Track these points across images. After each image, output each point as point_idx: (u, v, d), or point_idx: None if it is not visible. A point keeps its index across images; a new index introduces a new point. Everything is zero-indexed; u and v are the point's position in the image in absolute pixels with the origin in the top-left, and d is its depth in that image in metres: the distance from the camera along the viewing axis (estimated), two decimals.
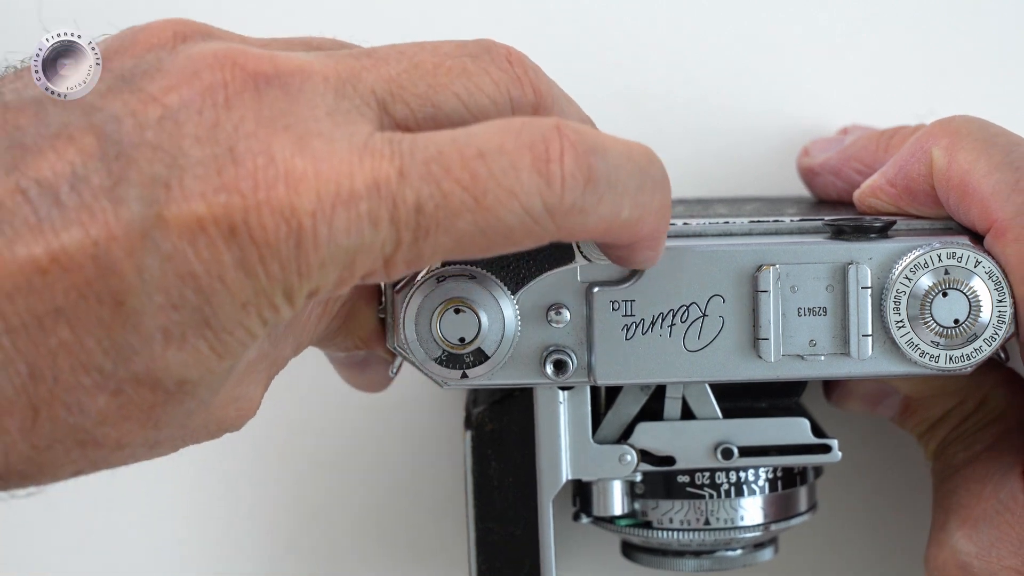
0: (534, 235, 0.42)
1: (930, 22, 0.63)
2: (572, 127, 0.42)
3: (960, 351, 0.49)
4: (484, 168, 0.41)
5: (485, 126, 0.42)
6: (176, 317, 0.40)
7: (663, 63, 0.63)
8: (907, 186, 0.51)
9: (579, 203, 0.42)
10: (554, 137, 0.42)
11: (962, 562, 0.52)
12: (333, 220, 0.40)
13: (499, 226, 0.41)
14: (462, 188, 0.41)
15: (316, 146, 0.41)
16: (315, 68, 0.42)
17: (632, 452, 0.53)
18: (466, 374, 0.50)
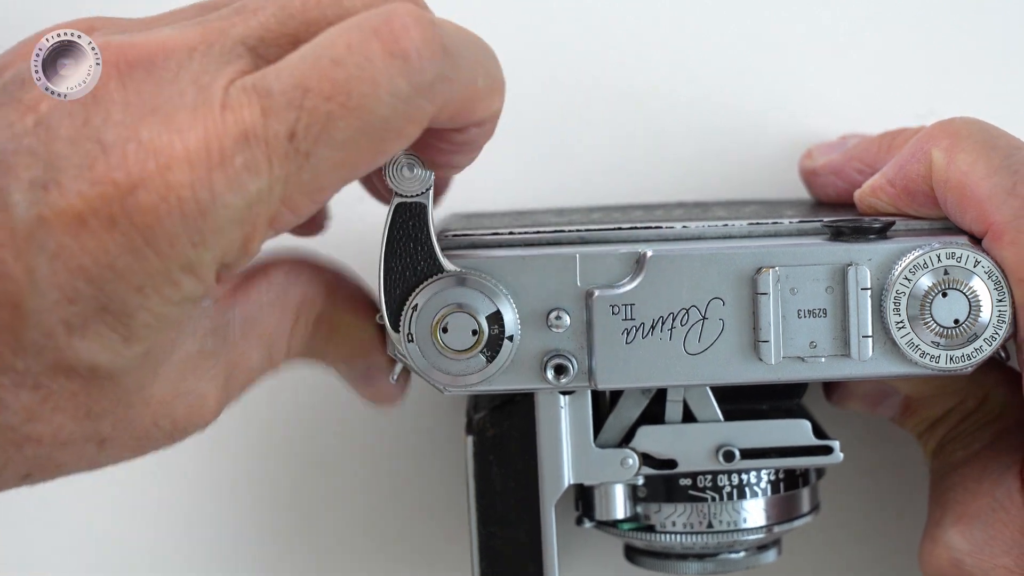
0: (413, 118, 0.43)
1: (930, 22, 0.63)
2: (408, 6, 0.43)
3: (960, 351, 0.49)
4: (340, 72, 0.42)
5: (329, 32, 0.43)
6: (74, 309, 0.42)
7: (663, 64, 0.63)
8: (906, 186, 0.51)
9: (441, 71, 0.43)
10: (395, 16, 0.43)
11: (955, 559, 0.52)
12: (212, 184, 0.41)
13: (375, 120, 0.42)
14: (325, 99, 0.42)
15: (181, 119, 0.42)
16: (178, 41, 0.43)
17: (634, 456, 0.53)
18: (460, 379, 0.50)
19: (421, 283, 0.49)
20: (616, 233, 0.50)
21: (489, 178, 0.63)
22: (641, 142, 0.63)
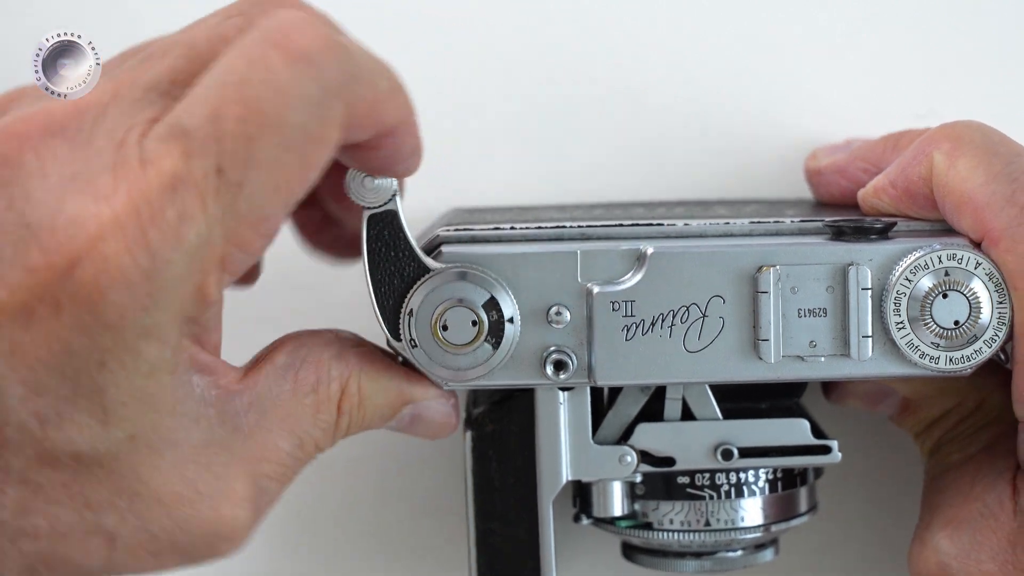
0: (328, 119, 0.42)
1: (930, 22, 0.63)
2: (296, 11, 0.43)
3: (960, 352, 0.49)
4: (248, 90, 0.41)
5: (226, 55, 0.42)
6: (43, 401, 0.41)
7: (665, 64, 0.63)
8: (907, 188, 0.51)
9: (343, 67, 0.43)
10: (286, 23, 0.42)
11: (941, 562, 0.52)
12: (149, 244, 0.41)
13: (293, 130, 0.42)
14: (241, 121, 0.41)
15: (103, 183, 0.41)
16: (91, 101, 0.43)
17: (632, 453, 0.53)
18: (459, 374, 0.50)
19: (411, 288, 0.49)
20: (617, 230, 0.50)
21: (491, 175, 0.63)
22: (643, 142, 0.63)
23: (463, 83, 0.63)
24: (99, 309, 0.41)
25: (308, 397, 0.48)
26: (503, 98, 0.63)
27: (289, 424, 0.48)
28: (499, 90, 0.63)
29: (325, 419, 0.48)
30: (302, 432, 0.48)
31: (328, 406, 0.49)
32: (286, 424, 0.47)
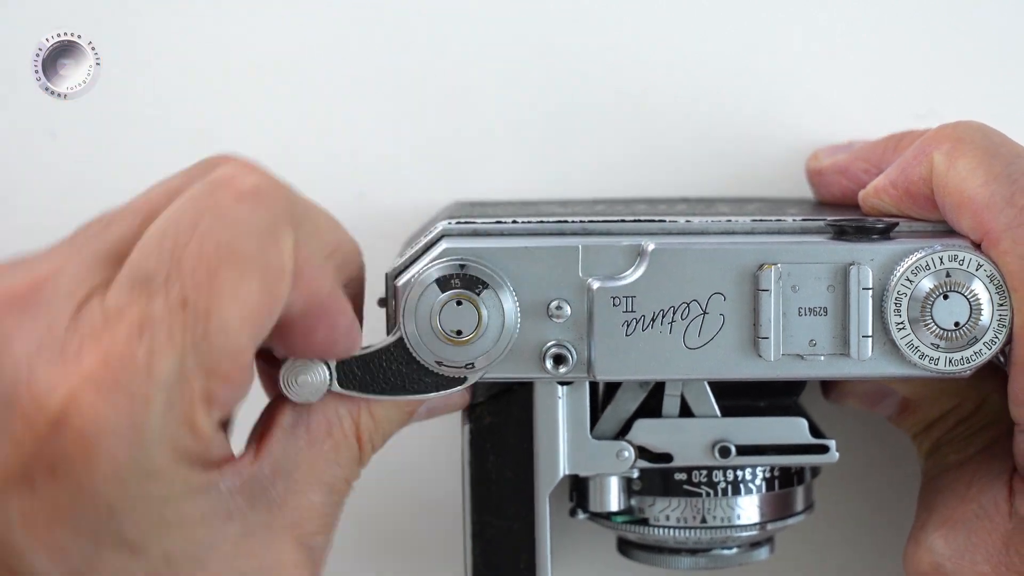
0: (283, 248, 0.44)
1: (930, 22, 0.63)
2: (235, 161, 0.45)
3: (960, 354, 0.50)
4: (203, 225, 0.43)
5: (175, 204, 0.44)
6: (69, 560, 0.42)
7: (668, 63, 0.63)
8: (907, 188, 0.51)
9: (290, 200, 0.45)
10: (228, 169, 0.44)
11: (936, 563, 0.52)
12: (124, 386, 0.42)
13: (252, 261, 0.43)
14: (199, 254, 0.43)
15: (69, 346, 0.42)
16: (47, 271, 0.44)
17: (630, 448, 0.53)
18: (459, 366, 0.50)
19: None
20: (619, 225, 0.50)
21: (493, 170, 0.63)
22: (646, 139, 0.63)
23: (467, 77, 0.63)
24: (93, 464, 0.42)
25: (325, 443, 0.49)
26: (506, 93, 0.63)
27: (316, 476, 0.48)
28: (502, 85, 0.63)
29: (347, 456, 0.49)
30: (330, 478, 0.49)
31: (347, 444, 0.49)
32: (313, 478, 0.48)
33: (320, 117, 0.63)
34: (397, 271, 0.50)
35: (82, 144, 0.63)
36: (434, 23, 0.62)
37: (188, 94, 0.63)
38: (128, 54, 0.62)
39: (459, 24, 0.62)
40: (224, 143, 0.62)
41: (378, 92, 0.63)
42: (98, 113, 0.62)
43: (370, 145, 0.62)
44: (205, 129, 0.63)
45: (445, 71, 0.62)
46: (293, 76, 0.63)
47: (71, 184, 0.63)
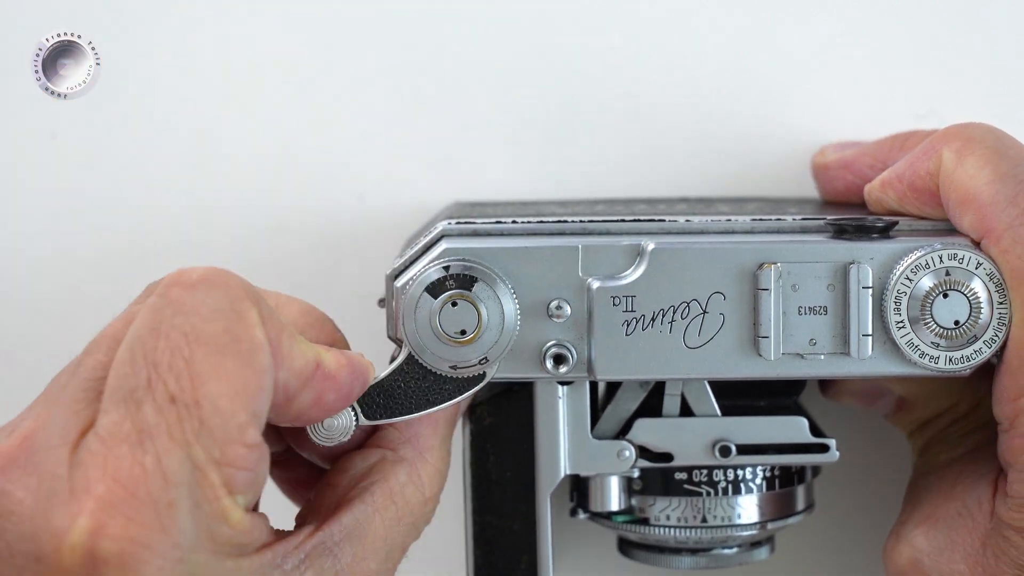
0: (248, 319, 0.44)
1: (930, 22, 0.63)
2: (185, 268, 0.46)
3: (960, 352, 0.50)
4: (163, 326, 0.44)
5: (135, 320, 0.45)
6: None
7: (668, 63, 0.63)
8: (913, 182, 0.51)
9: (241, 282, 0.45)
10: (175, 273, 0.45)
11: (914, 558, 0.52)
12: (144, 498, 0.42)
13: (221, 337, 0.44)
14: (170, 350, 0.43)
15: (77, 483, 0.42)
16: (35, 425, 0.44)
17: (630, 448, 0.53)
18: (459, 367, 0.50)
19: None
20: (619, 225, 0.50)
21: (494, 170, 0.63)
22: (646, 139, 0.63)
23: (467, 78, 0.63)
24: None
25: (388, 511, 0.49)
26: (507, 93, 0.63)
27: (380, 543, 0.49)
28: (503, 85, 0.63)
29: (409, 522, 0.50)
30: (391, 544, 0.49)
31: (408, 510, 0.50)
32: (379, 544, 0.49)
33: (320, 117, 0.63)
34: (396, 272, 0.50)
35: (82, 144, 0.63)
36: (434, 23, 0.62)
37: (188, 94, 0.63)
38: (128, 54, 0.62)
39: (459, 24, 0.62)
40: (224, 143, 0.62)
41: (378, 92, 0.63)
42: (98, 113, 0.62)
43: (370, 146, 0.62)
44: (205, 129, 0.63)
45: (445, 71, 0.62)
46: (293, 77, 0.63)
47: (71, 184, 0.63)
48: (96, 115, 0.62)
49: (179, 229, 0.63)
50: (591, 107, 0.63)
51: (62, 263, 0.63)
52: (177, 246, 0.63)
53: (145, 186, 0.63)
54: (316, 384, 0.47)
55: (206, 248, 0.62)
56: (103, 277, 0.63)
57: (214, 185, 0.63)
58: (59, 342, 0.63)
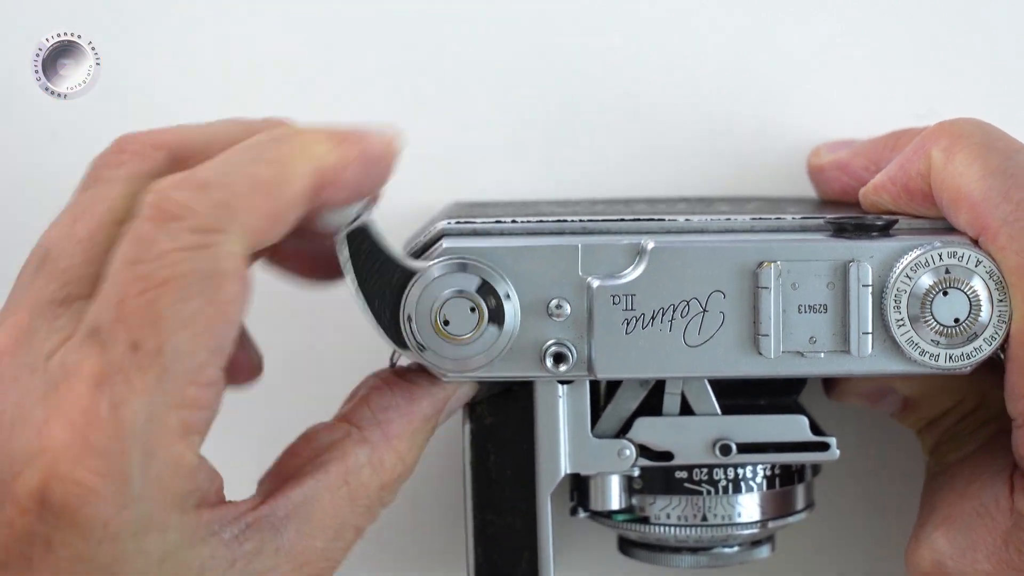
0: (221, 254, 0.44)
1: (930, 22, 0.63)
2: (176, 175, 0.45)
3: (960, 350, 0.50)
4: (139, 266, 0.43)
5: (119, 242, 0.44)
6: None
7: (668, 63, 0.63)
8: (906, 184, 0.51)
9: (211, 199, 0.45)
10: (150, 199, 0.45)
11: (938, 561, 0.52)
12: (95, 445, 0.42)
13: (190, 280, 0.44)
14: (140, 293, 0.43)
15: (37, 416, 0.43)
16: (7, 341, 0.44)
17: (631, 447, 0.53)
18: (459, 365, 0.50)
19: (401, 295, 0.49)
20: (619, 224, 0.50)
21: (493, 170, 0.63)
22: (645, 139, 0.63)
23: (467, 77, 0.63)
24: (84, 530, 0.42)
25: (341, 490, 0.49)
26: (506, 93, 0.63)
27: (328, 522, 0.48)
28: (503, 85, 0.63)
29: (363, 504, 0.49)
30: (341, 525, 0.49)
31: (365, 492, 0.49)
32: (326, 523, 0.48)
33: (320, 118, 0.63)
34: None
35: (82, 144, 0.63)
36: (434, 23, 0.63)
37: (188, 94, 0.63)
38: (128, 54, 0.62)
39: (459, 24, 0.63)
40: None
41: (378, 92, 0.63)
42: (98, 113, 0.62)
43: None
44: None
45: (445, 71, 0.63)
46: (293, 77, 0.63)
47: (71, 184, 0.63)
48: (96, 115, 0.62)
49: None
50: (591, 107, 0.63)
51: None
52: None
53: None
54: (324, 194, 0.47)
55: None
56: None
57: None
58: None
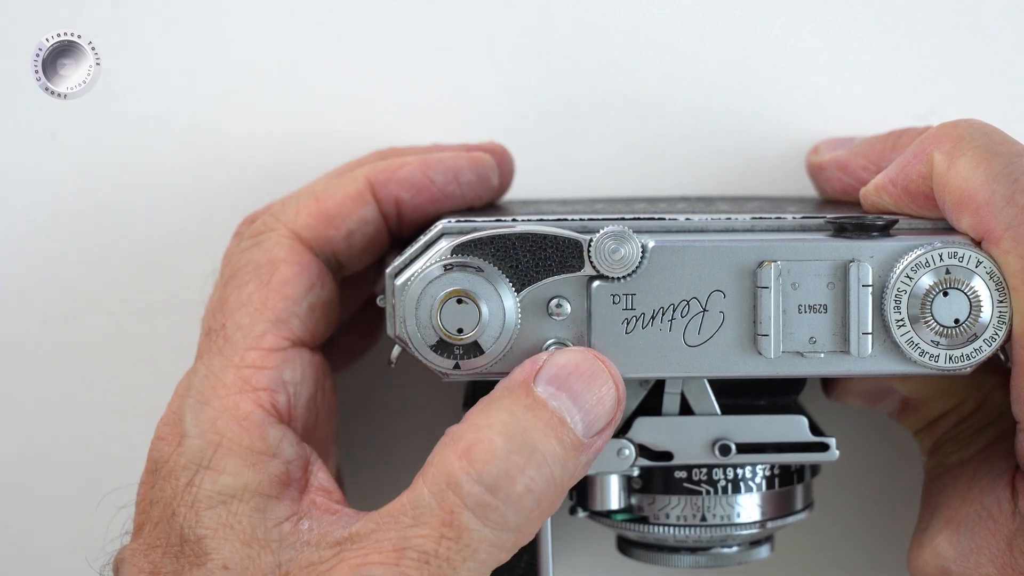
0: (261, 246, 0.54)
1: (930, 22, 0.63)
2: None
3: (960, 351, 0.49)
4: (223, 270, 0.55)
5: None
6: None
7: (668, 63, 0.63)
8: (907, 187, 0.51)
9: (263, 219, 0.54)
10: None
11: (942, 565, 0.52)
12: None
13: (242, 272, 0.53)
14: (218, 287, 0.54)
15: None
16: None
17: (630, 446, 0.53)
18: (459, 365, 0.50)
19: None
20: (619, 223, 0.50)
21: None
22: (646, 139, 0.63)
23: (467, 77, 0.63)
24: (152, 471, 0.50)
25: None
26: (507, 93, 0.63)
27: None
28: (503, 85, 0.63)
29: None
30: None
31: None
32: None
33: (320, 117, 0.63)
34: (397, 269, 0.50)
35: (82, 144, 0.63)
36: (434, 23, 0.63)
37: (188, 94, 0.63)
38: (128, 54, 0.62)
39: (459, 24, 0.63)
40: (224, 143, 0.62)
41: (378, 92, 0.63)
42: (98, 113, 0.62)
43: (370, 145, 0.62)
44: (205, 129, 0.63)
45: (445, 70, 0.63)
46: (293, 77, 0.63)
47: (71, 184, 0.63)
48: (96, 115, 0.62)
49: (179, 229, 0.63)
50: (592, 106, 0.63)
51: (62, 263, 0.63)
52: (177, 246, 0.63)
53: (145, 186, 0.63)
54: (385, 191, 0.54)
55: (206, 248, 0.62)
56: (103, 277, 0.63)
57: (214, 185, 0.63)
58: (59, 342, 0.63)
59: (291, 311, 0.52)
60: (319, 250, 0.54)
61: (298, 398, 0.52)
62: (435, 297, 0.49)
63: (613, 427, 0.49)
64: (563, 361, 0.48)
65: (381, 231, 0.55)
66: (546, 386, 0.48)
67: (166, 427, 0.51)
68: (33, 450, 0.64)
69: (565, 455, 0.47)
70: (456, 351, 0.49)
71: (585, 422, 0.48)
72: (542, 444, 0.47)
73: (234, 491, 0.49)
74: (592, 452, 0.49)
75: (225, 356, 0.51)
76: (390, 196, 0.54)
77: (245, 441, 0.50)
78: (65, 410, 0.64)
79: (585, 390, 0.48)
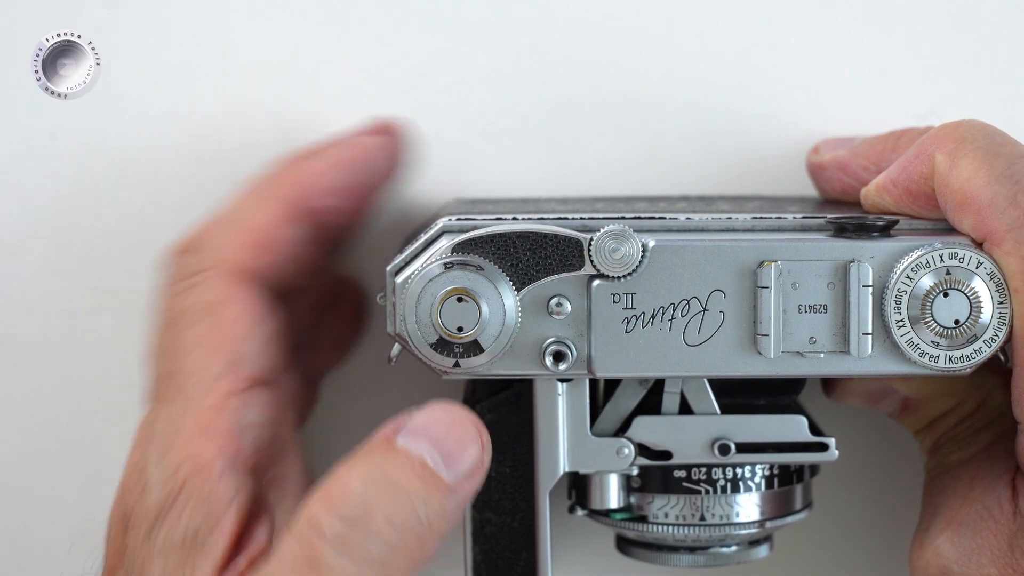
0: (196, 288, 0.53)
1: (930, 22, 0.63)
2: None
3: (960, 352, 0.49)
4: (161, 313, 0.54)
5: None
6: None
7: (669, 62, 0.63)
8: (908, 187, 0.51)
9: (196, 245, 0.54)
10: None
11: (943, 566, 0.52)
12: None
13: (189, 315, 0.53)
14: (161, 331, 0.53)
15: None
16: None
17: (630, 446, 0.53)
18: (459, 363, 0.50)
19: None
20: (619, 222, 0.50)
21: (494, 169, 0.63)
22: (646, 138, 0.63)
23: (467, 76, 0.63)
24: (117, 522, 0.51)
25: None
26: (507, 92, 0.63)
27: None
28: (503, 84, 0.63)
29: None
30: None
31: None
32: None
33: (320, 117, 0.63)
34: (397, 268, 0.50)
35: (82, 144, 0.63)
36: (434, 22, 0.63)
37: (188, 94, 0.63)
38: (128, 54, 0.62)
39: (459, 23, 0.63)
40: (224, 143, 0.62)
41: (378, 92, 0.63)
42: (98, 113, 0.62)
43: None
44: (205, 130, 0.63)
45: (445, 69, 0.63)
46: (293, 76, 0.63)
47: (71, 184, 0.63)
48: (96, 115, 0.62)
49: (179, 229, 0.63)
50: (592, 105, 0.63)
51: (62, 263, 0.63)
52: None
53: (145, 186, 0.63)
54: (310, 204, 0.54)
55: None
56: (103, 277, 0.63)
57: (215, 185, 0.63)
58: (59, 342, 0.63)
59: (242, 351, 0.52)
60: (260, 280, 0.53)
61: (259, 440, 0.52)
62: (435, 295, 0.49)
63: (482, 471, 0.49)
64: (422, 416, 0.48)
65: (316, 239, 0.55)
66: (405, 437, 0.48)
67: (130, 478, 0.50)
68: (33, 450, 0.64)
69: (428, 492, 0.47)
70: (456, 349, 0.49)
71: (449, 465, 0.48)
72: (403, 481, 0.47)
73: (184, 540, 0.49)
74: (461, 495, 0.48)
75: (183, 402, 0.51)
76: (313, 208, 0.54)
77: (204, 490, 0.49)
78: (65, 410, 0.64)
79: (445, 436, 0.48)
